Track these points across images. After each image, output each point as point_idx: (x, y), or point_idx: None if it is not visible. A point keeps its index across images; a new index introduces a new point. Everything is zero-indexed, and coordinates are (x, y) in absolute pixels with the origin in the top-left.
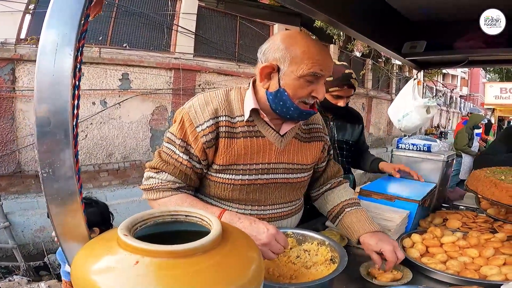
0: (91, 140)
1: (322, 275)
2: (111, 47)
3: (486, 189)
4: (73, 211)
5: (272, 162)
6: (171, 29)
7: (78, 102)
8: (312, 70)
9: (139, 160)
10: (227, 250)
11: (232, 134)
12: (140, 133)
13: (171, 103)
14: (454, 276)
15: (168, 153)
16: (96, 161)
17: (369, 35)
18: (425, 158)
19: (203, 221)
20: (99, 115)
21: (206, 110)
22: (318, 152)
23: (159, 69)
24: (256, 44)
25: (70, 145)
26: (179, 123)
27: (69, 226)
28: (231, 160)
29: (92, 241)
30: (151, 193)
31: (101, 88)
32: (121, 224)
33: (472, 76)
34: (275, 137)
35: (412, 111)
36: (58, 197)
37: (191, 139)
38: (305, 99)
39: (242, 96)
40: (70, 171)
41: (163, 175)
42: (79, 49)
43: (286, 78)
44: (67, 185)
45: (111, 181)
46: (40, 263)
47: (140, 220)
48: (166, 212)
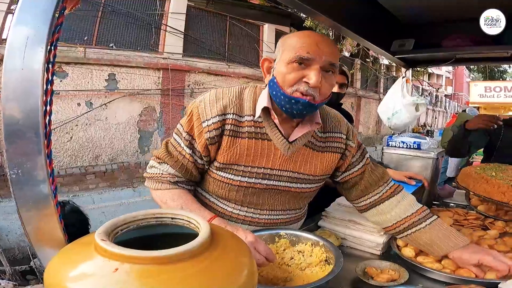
0: (77, 142)
1: (317, 276)
2: (97, 47)
3: (477, 185)
4: (47, 216)
5: (276, 168)
6: (160, 28)
7: (51, 98)
8: (298, 54)
9: (127, 162)
10: (216, 254)
11: (237, 133)
12: (128, 134)
13: (160, 104)
14: (451, 275)
15: (174, 145)
16: (82, 164)
17: (360, 33)
18: (415, 156)
19: (191, 224)
20: (85, 117)
21: (215, 106)
22: (331, 164)
23: (147, 69)
24: (246, 44)
25: (41, 144)
26: (188, 116)
27: (42, 231)
28: (232, 160)
29: (68, 247)
30: (151, 182)
31: (87, 89)
32: (99, 228)
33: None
34: (282, 142)
35: (402, 109)
36: (29, 200)
37: (196, 133)
38: (297, 86)
39: (256, 96)
40: (42, 173)
41: (164, 166)
42: (52, 43)
43: (277, 66)
44: (38, 187)
45: (98, 183)
46: (26, 267)
47: (121, 224)
48: (150, 215)
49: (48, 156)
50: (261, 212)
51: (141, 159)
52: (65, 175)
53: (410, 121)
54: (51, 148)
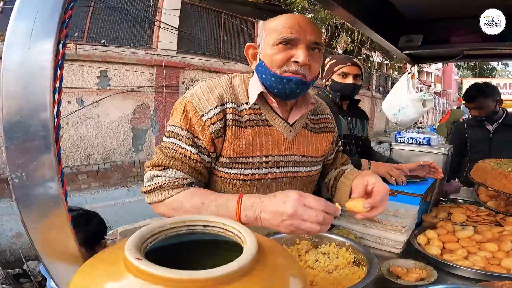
0: (68, 141)
1: (348, 279)
2: (88, 44)
3: (496, 181)
4: (57, 225)
5: (282, 154)
6: (153, 25)
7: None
8: (282, 35)
9: (120, 160)
10: (267, 271)
11: (240, 123)
12: (121, 132)
13: (154, 101)
14: (481, 272)
15: (173, 148)
16: (74, 163)
17: (372, 27)
18: (426, 152)
19: (228, 232)
20: (76, 115)
21: (211, 97)
22: (328, 143)
23: (140, 66)
24: (241, 41)
25: (50, 139)
26: (182, 113)
27: (52, 243)
28: (239, 152)
29: (90, 264)
30: (158, 193)
31: (78, 86)
32: (128, 242)
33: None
34: (284, 126)
35: (408, 105)
36: (37, 209)
37: (197, 130)
38: (286, 67)
39: (245, 83)
40: (51, 174)
41: (170, 171)
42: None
43: (263, 50)
44: (46, 192)
45: (91, 183)
46: (19, 271)
47: (150, 235)
48: (179, 223)
49: (58, 154)
50: None
51: (135, 158)
52: None
53: (417, 116)
54: (59, 145)
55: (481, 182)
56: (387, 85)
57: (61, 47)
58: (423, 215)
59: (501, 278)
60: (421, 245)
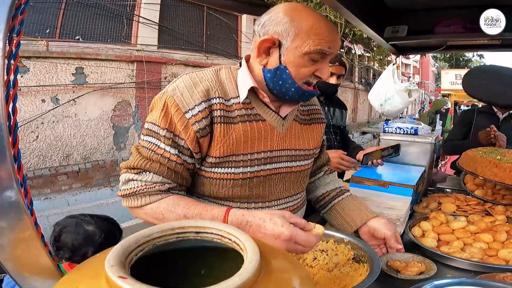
0: (44, 142)
1: (350, 277)
2: (61, 40)
3: (486, 169)
4: (24, 240)
5: (275, 149)
6: (132, 20)
7: (15, 77)
8: (320, 47)
9: (102, 160)
10: (273, 281)
11: (229, 119)
12: (101, 130)
13: (135, 98)
14: (481, 264)
15: (150, 148)
16: (52, 164)
17: (358, 16)
18: (414, 141)
19: (223, 238)
20: (51, 114)
21: (195, 91)
22: (319, 135)
23: (119, 62)
24: (225, 35)
25: (4, 142)
26: (162, 110)
27: (21, 259)
28: (229, 151)
29: (68, 279)
30: (134, 199)
31: (51, 84)
32: (109, 257)
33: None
34: (277, 120)
35: (394, 95)
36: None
37: (179, 128)
38: (308, 78)
39: (233, 76)
40: (9, 182)
41: (146, 175)
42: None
43: (289, 54)
44: (7, 202)
45: (72, 184)
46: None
47: (134, 247)
48: (168, 230)
49: (16, 160)
50: (269, 204)
51: (117, 157)
52: (34, 177)
53: (403, 106)
54: (18, 147)
55: (471, 171)
56: (369, 76)
57: (16, 34)
58: (415, 205)
59: (501, 270)
60: (417, 238)
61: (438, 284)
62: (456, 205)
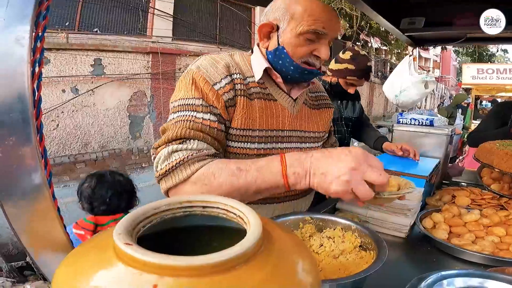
0: (64, 130)
1: (355, 264)
2: (80, 33)
3: (502, 162)
4: (41, 211)
5: (286, 129)
6: (147, 12)
7: (41, 57)
8: (314, 27)
9: (118, 148)
10: (274, 256)
11: (248, 94)
12: (118, 120)
13: (150, 88)
14: (492, 257)
15: (188, 119)
16: (71, 152)
17: (374, 7)
18: (429, 133)
19: (228, 213)
20: (71, 103)
21: (218, 67)
22: (328, 118)
23: (135, 53)
24: (238, 27)
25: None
26: (191, 85)
27: (36, 231)
28: (247, 124)
29: (78, 252)
30: (180, 171)
31: (71, 75)
32: (117, 226)
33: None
34: (288, 101)
35: (410, 87)
36: (16, 190)
37: (211, 98)
38: (307, 58)
39: (247, 59)
40: (31, 151)
41: (191, 143)
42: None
43: (286, 35)
44: (28, 172)
45: (89, 172)
46: (22, 263)
47: (142, 219)
48: (175, 204)
49: (39, 131)
50: None
51: (132, 145)
52: (54, 164)
53: (419, 98)
54: (41, 120)
55: (488, 163)
56: (386, 70)
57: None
58: (427, 198)
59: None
60: (427, 229)
61: (446, 275)
62: (471, 199)
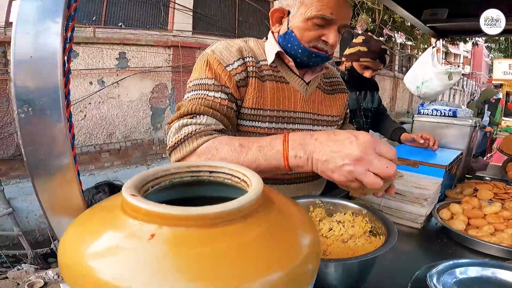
0: (91, 120)
1: (364, 249)
2: (106, 27)
3: None
4: (65, 180)
5: (298, 111)
6: (168, 6)
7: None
8: (321, 13)
9: (140, 139)
10: (274, 215)
11: (260, 76)
12: (141, 111)
13: (171, 81)
14: (509, 249)
15: (200, 97)
16: (97, 142)
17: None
18: (451, 123)
19: (233, 178)
20: (97, 95)
21: (232, 51)
22: (343, 103)
23: (157, 47)
24: (257, 21)
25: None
26: (206, 66)
27: (58, 198)
28: (259, 103)
29: (87, 212)
30: (188, 143)
31: (98, 68)
32: (127, 182)
33: (475, 55)
34: (300, 84)
35: (432, 78)
36: (47, 167)
37: (224, 78)
38: (315, 43)
39: (261, 45)
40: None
41: (201, 118)
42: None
43: (295, 20)
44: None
45: (113, 161)
46: (47, 250)
47: (152, 178)
48: (184, 168)
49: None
50: None
51: (154, 136)
52: (81, 153)
53: (442, 89)
54: (70, 109)
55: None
56: (411, 65)
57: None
58: (447, 190)
59: None
60: (444, 220)
61: (458, 263)
62: (494, 193)
